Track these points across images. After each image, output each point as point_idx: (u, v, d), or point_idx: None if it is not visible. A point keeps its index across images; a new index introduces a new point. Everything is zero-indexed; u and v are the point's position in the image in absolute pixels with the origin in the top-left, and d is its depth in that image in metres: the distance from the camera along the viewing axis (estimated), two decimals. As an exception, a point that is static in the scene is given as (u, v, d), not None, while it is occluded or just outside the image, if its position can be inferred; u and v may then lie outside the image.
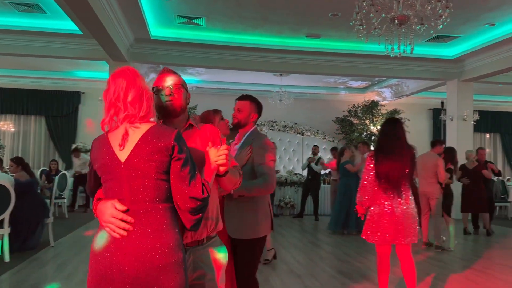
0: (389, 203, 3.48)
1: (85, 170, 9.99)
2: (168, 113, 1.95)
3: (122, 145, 1.67)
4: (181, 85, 1.98)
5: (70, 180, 9.66)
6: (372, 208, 3.58)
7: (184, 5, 7.04)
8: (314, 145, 10.45)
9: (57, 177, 6.37)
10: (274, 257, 5.53)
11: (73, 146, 11.15)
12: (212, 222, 1.96)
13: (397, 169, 3.45)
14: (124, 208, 1.63)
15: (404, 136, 3.58)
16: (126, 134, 1.67)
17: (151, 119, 1.74)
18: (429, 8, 4.55)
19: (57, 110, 12.22)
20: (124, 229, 1.61)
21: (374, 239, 3.53)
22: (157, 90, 1.96)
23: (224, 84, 12.18)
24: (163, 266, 1.59)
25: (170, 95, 1.94)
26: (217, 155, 1.78)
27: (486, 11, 6.99)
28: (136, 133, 1.67)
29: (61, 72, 11.81)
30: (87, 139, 11.40)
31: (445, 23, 4.72)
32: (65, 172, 9.00)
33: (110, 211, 1.63)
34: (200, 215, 1.68)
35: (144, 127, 1.68)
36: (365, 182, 3.56)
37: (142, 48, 8.69)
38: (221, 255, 1.99)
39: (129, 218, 1.62)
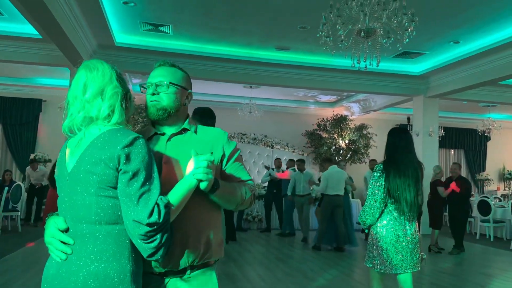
0: (398, 226, 3.01)
1: (45, 181, 9.50)
2: (150, 115, 1.63)
3: (74, 152, 1.43)
4: (171, 83, 1.64)
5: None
6: (376, 231, 3.07)
7: (149, 12, 6.83)
8: (277, 158, 10.48)
9: (6, 188, 5.94)
10: None
11: (31, 156, 10.62)
12: (194, 250, 1.57)
13: (413, 186, 3.01)
14: (64, 227, 1.40)
15: (414, 149, 3.16)
16: (82, 138, 1.42)
17: (117, 122, 1.44)
18: (396, 21, 4.53)
19: (16, 117, 11.65)
20: (63, 253, 1.38)
21: (378, 266, 3.03)
22: (145, 87, 1.67)
23: (193, 95, 11.96)
24: None
25: (153, 94, 1.63)
26: (196, 166, 1.43)
27: (451, 29, 7.11)
28: (88, 138, 1.41)
29: (21, 78, 11.30)
30: (47, 149, 10.89)
31: (411, 37, 4.73)
32: (20, 183, 8.50)
33: (50, 230, 1.42)
34: (155, 243, 1.35)
35: (99, 132, 1.41)
36: (373, 201, 3.02)
37: (106, 55, 8.37)
38: None
39: (68, 240, 1.38)
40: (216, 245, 1.64)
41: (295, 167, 9.26)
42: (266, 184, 10.34)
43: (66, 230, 1.40)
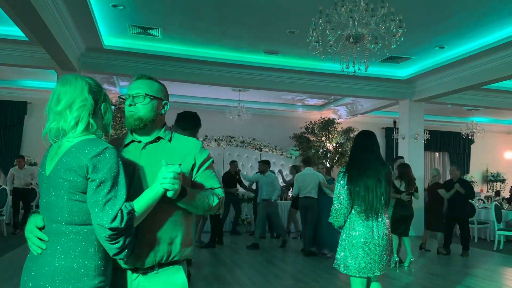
0: (364, 228, 3.02)
1: (32, 184, 9.28)
2: (128, 125, 1.78)
3: (53, 158, 1.58)
4: (148, 95, 1.77)
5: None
6: (344, 233, 3.11)
7: (139, 15, 6.81)
8: (260, 161, 10.41)
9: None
10: None
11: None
12: (161, 251, 1.70)
13: (373, 187, 3.02)
14: (41, 225, 1.56)
15: (379, 151, 3.21)
16: (59, 147, 1.58)
17: (83, 132, 1.58)
18: (384, 27, 4.62)
19: (0, 120, 11.46)
20: (39, 247, 1.54)
21: (346, 269, 3.06)
22: (124, 99, 1.82)
23: (182, 98, 11.94)
24: None
25: (130, 105, 1.77)
26: (163, 176, 1.56)
27: (436, 34, 7.26)
28: (64, 147, 1.56)
29: (6, 80, 11.12)
30: (32, 152, 10.74)
31: (398, 43, 4.82)
32: (5, 187, 8.38)
33: (29, 226, 1.58)
34: (118, 244, 1.50)
35: (72, 142, 1.56)
36: (338, 202, 3.07)
37: (94, 58, 8.33)
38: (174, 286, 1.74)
39: (43, 236, 1.54)
40: (184, 246, 1.77)
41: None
42: (254, 186, 10.36)
43: (42, 228, 1.56)
